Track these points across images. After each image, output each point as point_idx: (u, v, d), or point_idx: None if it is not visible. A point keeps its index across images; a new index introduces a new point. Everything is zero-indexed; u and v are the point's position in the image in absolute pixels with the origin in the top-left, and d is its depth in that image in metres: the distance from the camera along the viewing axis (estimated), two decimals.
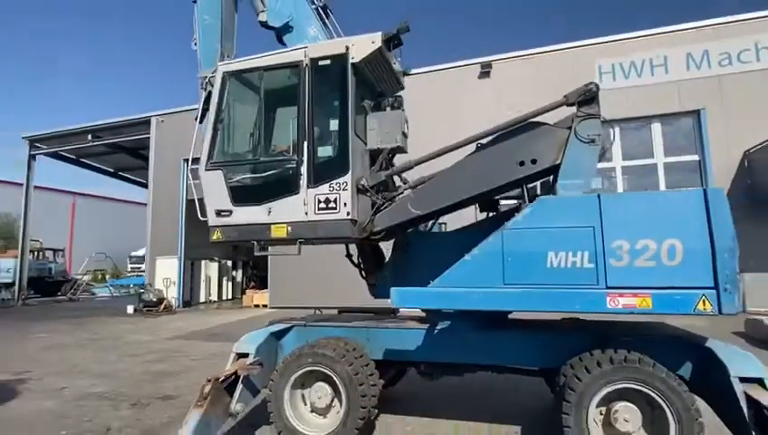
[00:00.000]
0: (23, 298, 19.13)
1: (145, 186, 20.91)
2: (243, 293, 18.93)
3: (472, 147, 3.82)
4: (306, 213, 3.71)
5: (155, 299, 15.19)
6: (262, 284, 18.42)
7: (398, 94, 4.58)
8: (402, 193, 4.05)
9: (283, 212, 3.79)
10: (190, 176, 4.34)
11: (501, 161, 3.52)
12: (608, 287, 3.05)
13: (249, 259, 21.19)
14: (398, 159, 4.45)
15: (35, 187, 20.27)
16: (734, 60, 11.55)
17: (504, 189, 3.84)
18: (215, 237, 4.06)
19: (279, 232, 3.80)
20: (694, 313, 2.89)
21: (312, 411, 3.83)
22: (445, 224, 5.80)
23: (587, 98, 3.36)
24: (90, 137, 18.61)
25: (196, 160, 4.19)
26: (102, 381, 6.25)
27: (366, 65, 3.95)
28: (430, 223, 5.10)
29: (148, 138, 17.85)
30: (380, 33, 3.87)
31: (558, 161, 3.38)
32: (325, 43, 4.10)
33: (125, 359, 7.78)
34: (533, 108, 3.66)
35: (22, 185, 20.16)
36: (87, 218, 37.97)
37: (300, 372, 3.73)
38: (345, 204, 3.62)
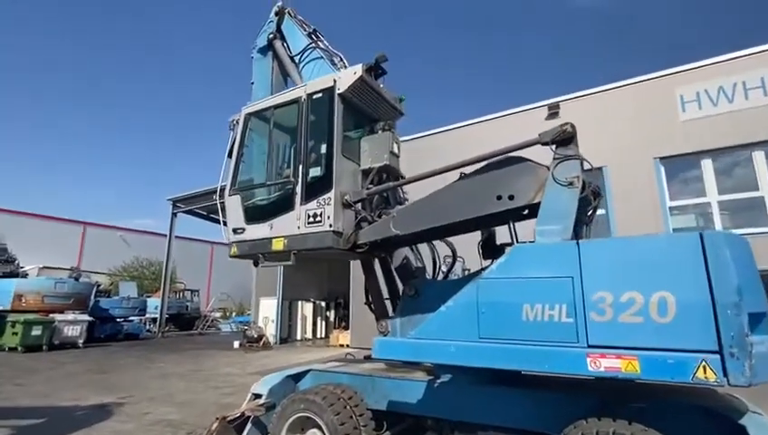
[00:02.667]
0: (162, 332, 21.93)
1: None
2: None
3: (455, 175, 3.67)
4: (299, 227, 3.98)
5: (256, 336, 16.31)
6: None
7: (390, 120, 4.72)
8: (389, 212, 4.06)
9: (282, 227, 4.11)
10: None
11: (479, 193, 3.33)
12: (589, 346, 2.59)
13: (341, 300, 21.85)
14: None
15: (186, 238, 23.82)
16: None
17: (484, 223, 3.63)
18: (232, 252, 4.50)
19: (278, 245, 4.11)
20: (692, 381, 2.30)
21: None
22: (468, 270, 5.46)
23: (563, 138, 3.02)
24: (214, 196, 21.34)
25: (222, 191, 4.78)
26: (179, 410, 6.81)
27: (354, 94, 4.23)
28: (451, 267, 4.86)
29: None
30: (361, 64, 4.17)
31: (535, 200, 3.06)
32: (319, 79, 4.47)
33: (208, 390, 8.41)
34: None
35: (179, 237, 23.83)
36: (222, 263, 42.69)
37: (293, 418, 3.69)
38: (329, 217, 3.82)
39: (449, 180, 3.66)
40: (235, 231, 4.46)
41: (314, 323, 20.63)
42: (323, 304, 21.54)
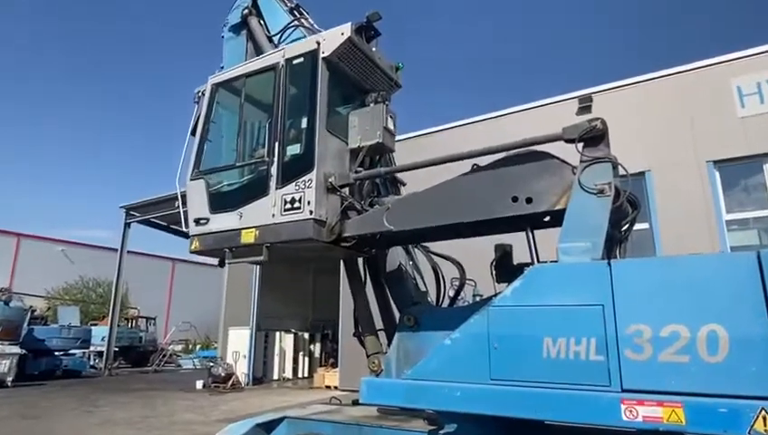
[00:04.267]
0: (110, 368, 21.66)
1: None
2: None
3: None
4: (273, 215, 3.98)
5: (223, 374, 16.17)
6: None
7: (383, 90, 4.69)
8: (382, 201, 4.11)
9: (253, 216, 4.12)
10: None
11: (492, 191, 3.35)
12: (623, 390, 2.57)
13: (328, 332, 21.73)
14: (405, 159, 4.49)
15: (142, 253, 23.65)
16: None
17: (496, 227, 3.65)
18: (193, 247, 4.53)
19: (248, 237, 4.11)
20: None
21: None
22: (481, 296, 5.43)
23: (591, 136, 3.03)
24: (177, 203, 21.31)
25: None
26: None
27: (341, 60, 4.28)
28: (458, 291, 4.82)
29: None
30: (350, 23, 4.20)
31: (558, 206, 3.08)
32: (301, 42, 4.54)
33: None
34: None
35: (132, 253, 23.85)
36: (185, 285, 42.50)
37: None
38: (309, 202, 3.82)
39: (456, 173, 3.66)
40: (197, 222, 4.47)
41: (295, 360, 20.46)
42: (307, 336, 21.41)
